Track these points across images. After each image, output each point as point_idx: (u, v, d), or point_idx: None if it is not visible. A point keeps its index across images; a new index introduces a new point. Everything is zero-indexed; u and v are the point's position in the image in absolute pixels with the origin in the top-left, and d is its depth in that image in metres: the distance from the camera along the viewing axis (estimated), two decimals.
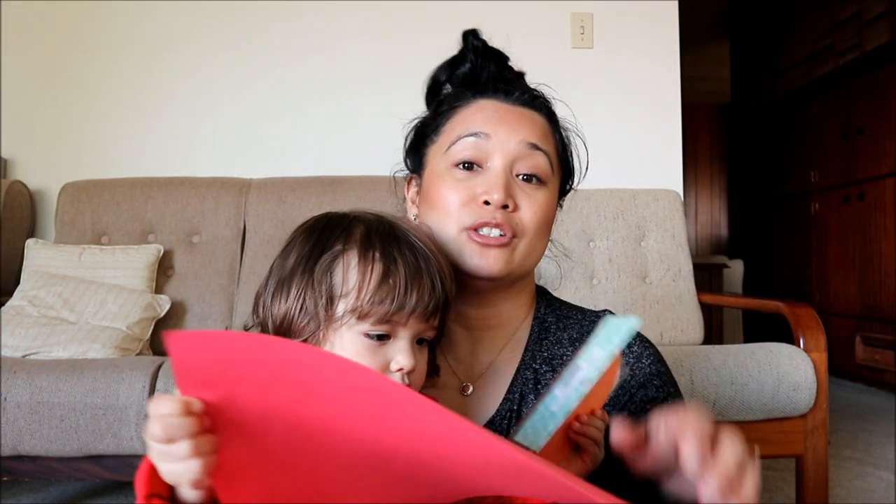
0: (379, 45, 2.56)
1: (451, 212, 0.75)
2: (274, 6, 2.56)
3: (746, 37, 4.98)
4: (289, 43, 2.57)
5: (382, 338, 0.63)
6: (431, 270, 0.64)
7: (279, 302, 0.65)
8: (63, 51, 2.54)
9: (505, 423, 0.77)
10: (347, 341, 0.63)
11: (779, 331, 2.06)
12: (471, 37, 0.82)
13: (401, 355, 0.63)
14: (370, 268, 0.62)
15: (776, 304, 1.80)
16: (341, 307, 0.62)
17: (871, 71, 3.52)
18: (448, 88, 0.84)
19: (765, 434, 1.57)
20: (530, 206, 0.76)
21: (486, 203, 0.74)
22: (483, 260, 0.74)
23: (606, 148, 2.51)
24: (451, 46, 0.84)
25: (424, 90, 0.85)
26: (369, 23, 2.56)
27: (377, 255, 0.62)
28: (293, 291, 0.64)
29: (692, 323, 2.15)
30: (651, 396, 0.76)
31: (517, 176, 0.76)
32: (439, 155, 0.79)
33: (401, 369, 0.63)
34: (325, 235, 0.66)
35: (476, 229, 0.74)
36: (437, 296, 0.64)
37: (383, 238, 0.64)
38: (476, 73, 0.83)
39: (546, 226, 0.78)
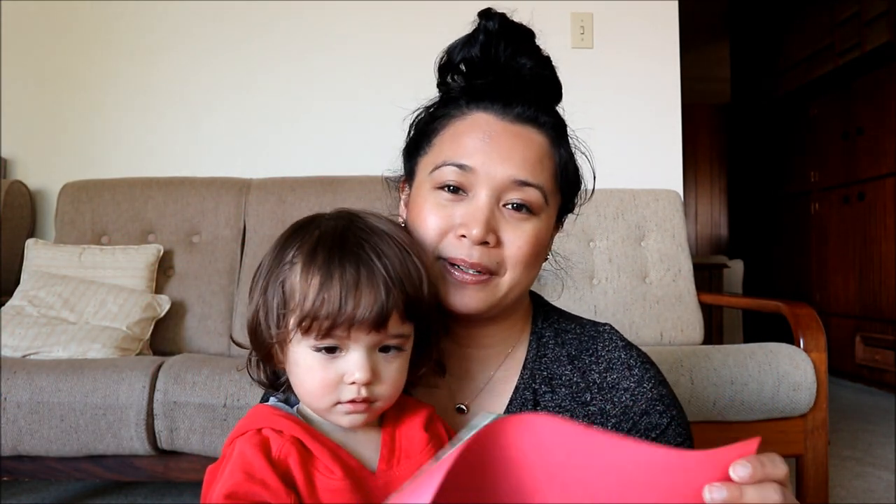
0: (379, 44, 2.56)
1: (429, 238, 0.71)
2: (274, 7, 2.56)
3: (746, 37, 4.98)
4: (289, 43, 2.57)
5: (332, 350, 0.62)
6: (375, 280, 0.61)
7: (249, 313, 0.66)
8: (63, 51, 2.54)
9: None
10: (300, 355, 0.62)
11: (779, 331, 2.05)
12: (483, 19, 0.75)
13: (353, 368, 0.61)
14: (309, 281, 0.61)
15: (776, 304, 1.80)
16: (291, 321, 0.62)
17: (871, 71, 3.52)
18: (462, 68, 0.78)
19: (765, 434, 1.57)
20: (515, 239, 0.71)
21: (464, 236, 0.70)
22: (459, 298, 0.71)
23: (606, 148, 2.50)
24: None
25: (438, 65, 0.79)
26: (369, 23, 2.56)
27: (316, 268, 0.61)
28: (254, 305, 0.64)
29: (692, 323, 2.15)
30: (655, 423, 0.74)
31: (505, 205, 0.72)
32: (426, 172, 0.75)
33: (354, 382, 0.61)
34: (284, 246, 0.65)
35: (452, 263, 0.71)
36: (381, 305, 0.60)
37: (329, 248, 0.62)
38: (485, 57, 0.76)
39: (534, 257, 0.74)
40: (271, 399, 0.70)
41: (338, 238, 0.63)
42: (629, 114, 2.56)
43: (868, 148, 3.54)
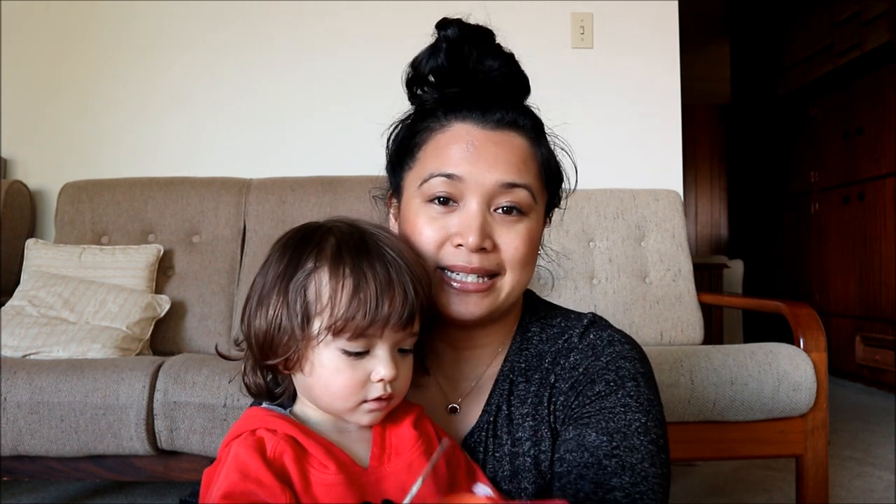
0: (378, 46, 2.56)
1: (426, 251, 0.72)
2: (274, 7, 2.56)
3: (746, 37, 4.98)
4: (289, 44, 2.57)
5: (360, 354, 0.63)
6: (403, 279, 0.64)
7: (259, 319, 0.65)
8: (63, 51, 2.54)
9: (483, 434, 0.77)
10: (326, 358, 0.63)
11: (779, 331, 2.05)
12: (442, 29, 0.76)
13: (381, 366, 0.63)
14: (341, 284, 0.62)
15: (776, 304, 1.80)
16: (317, 324, 0.63)
17: (871, 71, 3.52)
18: (431, 78, 0.78)
19: (765, 434, 1.57)
20: (511, 241, 0.73)
21: (461, 245, 0.71)
22: (463, 307, 0.72)
23: (606, 148, 2.50)
24: None
25: (404, 79, 0.80)
26: (369, 25, 2.56)
27: (347, 270, 0.62)
28: (271, 311, 0.64)
29: (692, 323, 2.15)
30: (597, 391, 0.72)
31: (496, 210, 0.73)
32: (414, 187, 0.75)
33: (381, 380, 0.63)
34: (298, 252, 0.65)
35: (452, 271, 0.72)
36: (411, 303, 0.63)
37: (353, 251, 0.64)
38: (453, 65, 0.76)
39: (530, 256, 0.75)
40: (264, 403, 0.71)
41: (359, 242, 0.65)
42: (629, 114, 2.56)
43: (868, 148, 3.54)
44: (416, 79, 0.79)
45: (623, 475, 0.66)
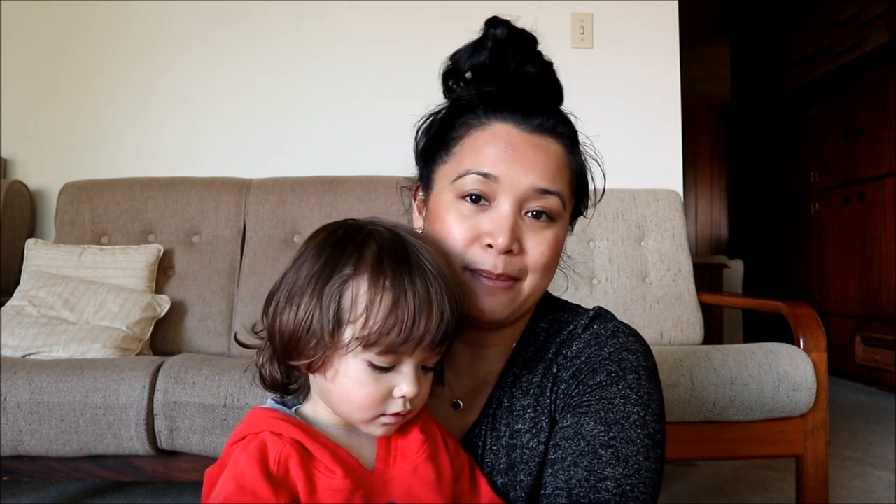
0: (379, 47, 2.56)
1: (454, 248, 0.72)
2: (274, 7, 2.56)
3: (746, 37, 4.98)
4: (289, 44, 2.57)
5: (386, 369, 0.62)
6: (441, 299, 0.62)
7: (287, 317, 0.63)
8: (63, 51, 2.54)
9: (483, 428, 0.77)
10: (352, 368, 0.62)
11: (779, 331, 2.06)
12: (491, 27, 0.77)
13: (404, 383, 0.62)
14: (380, 297, 0.60)
15: (776, 304, 1.80)
16: (348, 333, 0.61)
17: (871, 71, 3.52)
18: (469, 75, 0.78)
19: (765, 434, 1.57)
20: (537, 245, 0.73)
21: (490, 245, 0.72)
22: (490, 303, 0.72)
23: (606, 148, 2.50)
24: (449, 50, 0.81)
25: (441, 71, 0.80)
26: (369, 25, 2.56)
27: (387, 283, 0.61)
28: (301, 311, 0.62)
29: (692, 323, 2.15)
30: (598, 381, 0.73)
31: (526, 213, 0.73)
32: (447, 181, 0.75)
33: (403, 396, 0.63)
34: (336, 254, 0.63)
35: (478, 272, 0.72)
36: (446, 324, 0.62)
37: (395, 263, 0.62)
38: (495, 65, 0.77)
39: (553, 262, 0.76)
40: (269, 401, 0.71)
41: (401, 253, 0.63)
42: (629, 114, 2.56)
43: (868, 148, 3.54)
44: (454, 73, 0.79)
45: (617, 466, 0.67)
